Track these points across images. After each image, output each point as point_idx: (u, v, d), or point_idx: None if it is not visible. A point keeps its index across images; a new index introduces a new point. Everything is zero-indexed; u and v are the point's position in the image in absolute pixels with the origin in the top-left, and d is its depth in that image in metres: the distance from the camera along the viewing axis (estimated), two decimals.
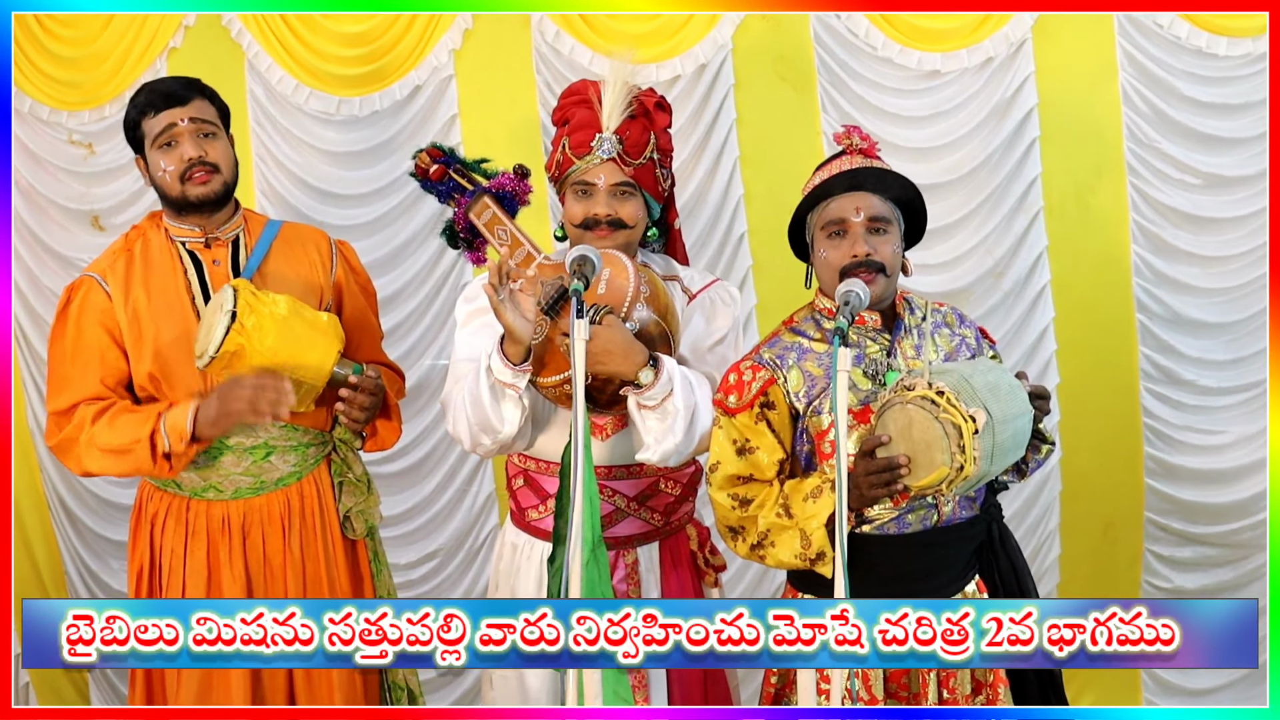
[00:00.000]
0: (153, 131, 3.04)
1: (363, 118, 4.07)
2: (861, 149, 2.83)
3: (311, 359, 2.98)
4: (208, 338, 2.91)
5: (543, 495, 2.99)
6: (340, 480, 3.20)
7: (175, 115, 3.03)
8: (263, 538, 3.11)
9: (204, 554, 3.10)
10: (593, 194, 2.88)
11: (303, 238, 3.25)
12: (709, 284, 3.03)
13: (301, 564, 3.14)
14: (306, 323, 2.99)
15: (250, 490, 3.11)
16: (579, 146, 2.88)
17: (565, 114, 2.93)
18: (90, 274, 3.11)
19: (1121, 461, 4.19)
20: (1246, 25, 3.94)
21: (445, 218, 3.18)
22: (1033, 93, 4.00)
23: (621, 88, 2.88)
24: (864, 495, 2.62)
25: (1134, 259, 4.08)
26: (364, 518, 3.22)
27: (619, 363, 2.74)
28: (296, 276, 3.15)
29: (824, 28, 4.01)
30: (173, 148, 3.04)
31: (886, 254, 2.73)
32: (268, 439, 3.09)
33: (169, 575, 3.11)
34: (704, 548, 3.08)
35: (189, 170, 3.03)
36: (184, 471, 3.05)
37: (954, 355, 2.83)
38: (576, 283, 2.71)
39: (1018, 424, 2.62)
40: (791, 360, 2.77)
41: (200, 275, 3.09)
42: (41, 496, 4.29)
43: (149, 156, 3.08)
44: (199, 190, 3.04)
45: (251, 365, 2.91)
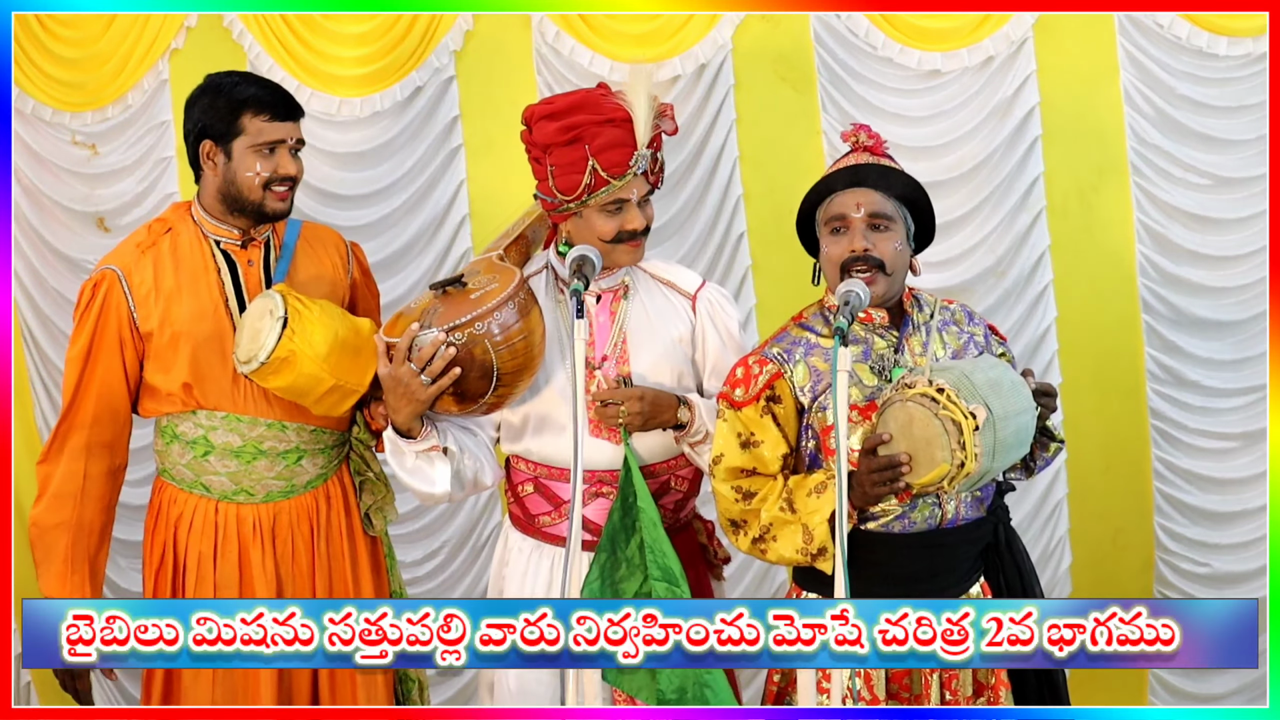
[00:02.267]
0: (261, 134, 3.00)
1: (364, 118, 4.07)
2: (868, 146, 2.84)
3: (358, 364, 2.97)
4: (255, 343, 2.89)
5: (555, 502, 2.98)
6: (361, 479, 3.22)
7: (289, 131, 3.04)
8: (292, 540, 3.12)
9: (235, 557, 3.09)
10: (626, 209, 2.88)
11: (322, 238, 3.25)
12: (703, 284, 3.06)
13: (329, 565, 3.15)
14: (351, 329, 2.99)
15: (281, 494, 3.11)
16: (614, 166, 2.82)
17: (578, 134, 2.85)
18: (110, 267, 3.05)
19: (1129, 464, 4.17)
20: (1246, 25, 3.93)
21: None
22: (1034, 92, 4.00)
23: (651, 101, 2.86)
24: (867, 494, 2.62)
25: (1139, 259, 4.07)
26: (383, 515, 3.24)
27: (659, 417, 2.87)
28: (322, 277, 3.16)
29: (824, 28, 4.01)
30: (272, 156, 3.01)
31: (887, 251, 2.73)
32: (299, 443, 3.09)
33: (196, 578, 3.09)
34: (712, 540, 3.10)
35: (277, 183, 3.02)
36: (214, 475, 3.06)
37: (961, 353, 2.83)
38: (577, 283, 2.74)
39: (1020, 420, 2.62)
40: (799, 355, 2.78)
41: (235, 276, 3.07)
42: None
43: (239, 154, 3.01)
44: (277, 206, 3.04)
45: (301, 371, 2.90)
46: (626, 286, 2.99)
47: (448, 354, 2.72)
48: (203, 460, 3.07)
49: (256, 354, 2.88)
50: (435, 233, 4.14)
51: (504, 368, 2.77)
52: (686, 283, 3.03)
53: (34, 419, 4.24)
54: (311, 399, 2.98)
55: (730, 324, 3.02)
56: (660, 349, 2.97)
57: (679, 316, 3.00)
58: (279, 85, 3.14)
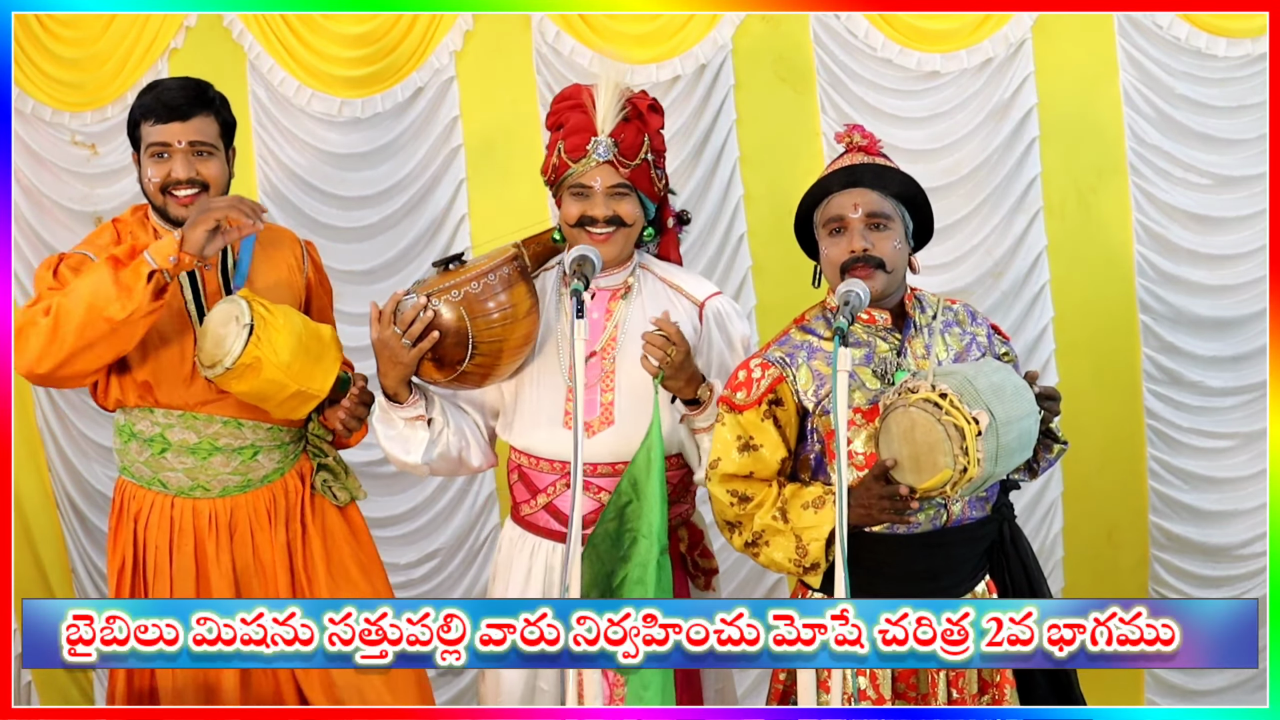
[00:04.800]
0: (147, 139, 3.03)
1: (364, 119, 4.07)
2: (862, 146, 2.83)
3: (319, 370, 3.03)
4: (220, 349, 2.93)
5: (534, 490, 3.02)
6: (319, 463, 3.25)
7: (173, 134, 3.01)
8: (251, 533, 3.14)
9: (191, 551, 3.12)
10: (590, 195, 2.90)
11: (277, 240, 3.27)
12: (715, 293, 3.04)
13: (288, 556, 3.18)
14: (314, 335, 3.05)
15: (238, 488, 3.14)
16: (574, 150, 2.90)
17: (559, 118, 2.96)
18: (85, 252, 3.06)
19: (1124, 463, 4.18)
20: (1246, 26, 3.94)
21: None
22: (1032, 93, 4.00)
23: (615, 90, 2.91)
24: (872, 516, 2.62)
25: (1137, 259, 4.07)
26: (345, 489, 3.26)
27: (685, 377, 2.85)
28: (279, 280, 3.19)
29: (823, 28, 4.01)
30: (163, 160, 3.03)
31: (886, 249, 2.73)
32: (255, 440, 3.13)
33: (154, 572, 3.12)
34: (694, 550, 3.07)
35: (173, 186, 3.03)
36: (171, 471, 3.09)
37: (964, 354, 2.83)
38: (576, 282, 2.74)
39: (1023, 425, 2.62)
40: (801, 359, 2.77)
41: (193, 281, 3.10)
42: (49, 494, 4.29)
43: (143, 161, 3.07)
44: (179, 211, 3.02)
45: (265, 377, 2.94)
46: (629, 287, 3.00)
47: (425, 318, 2.82)
48: (160, 457, 3.11)
49: (222, 359, 2.92)
50: (435, 233, 4.14)
51: (479, 336, 2.85)
52: (696, 290, 3.03)
53: (34, 419, 4.24)
54: (273, 403, 3.04)
55: (736, 336, 3.00)
56: None
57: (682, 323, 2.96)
58: (185, 85, 3.10)
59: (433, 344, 2.83)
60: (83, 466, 4.25)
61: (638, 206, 2.94)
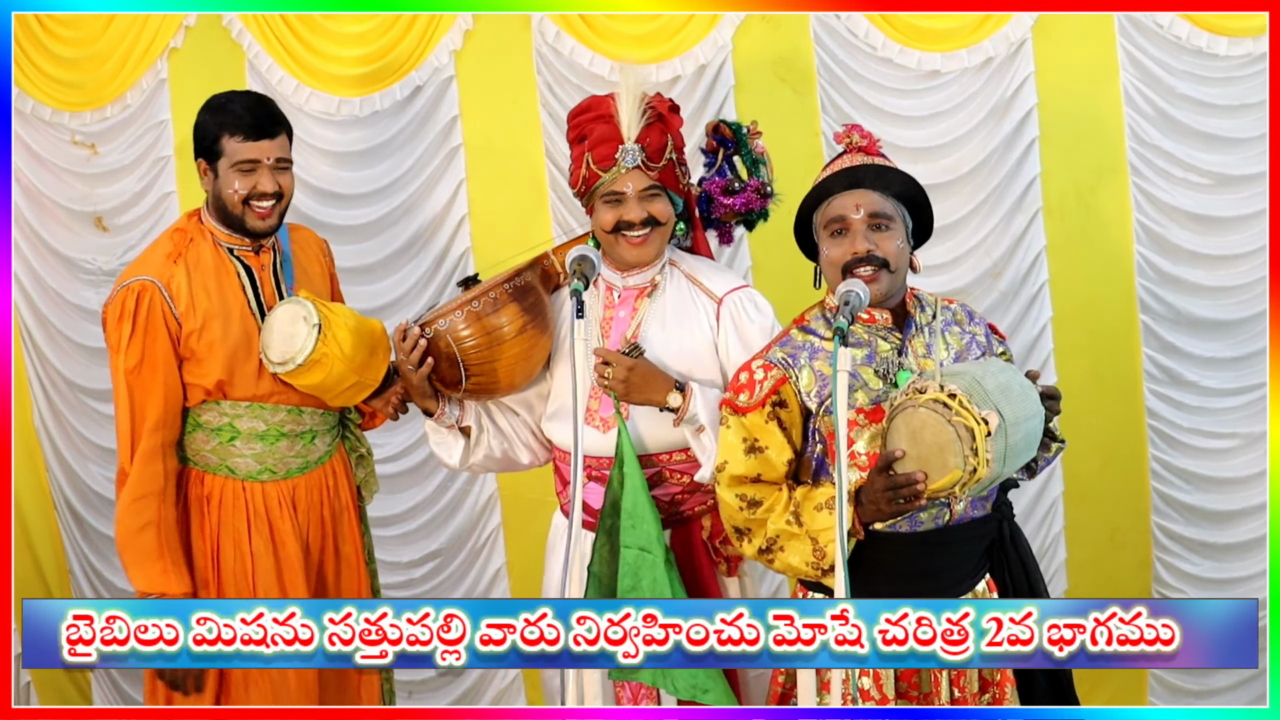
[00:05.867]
0: (235, 155, 3.14)
1: (363, 118, 4.07)
2: (861, 146, 2.83)
3: (374, 361, 3.21)
4: (291, 346, 3.11)
5: (565, 482, 3.10)
6: (357, 455, 3.45)
7: (262, 151, 3.15)
8: (310, 510, 3.32)
9: (268, 531, 3.27)
10: (624, 201, 2.96)
11: (306, 239, 3.45)
12: (735, 288, 3.05)
13: (335, 531, 3.37)
14: (368, 329, 3.21)
15: (299, 470, 3.31)
16: (603, 160, 2.96)
17: (581, 131, 3.01)
18: (148, 279, 3.16)
19: (1125, 464, 4.18)
20: (1246, 25, 3.93)
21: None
22: (1032, 93, 4.00)
23: (637, 97, 2.97)
24: (881, 510, 2.62)
25: (1137, 259, 4.07)
26: (370, 488, 3.49)
27: (646, 393, 2.91)
28: (317, 277, 3.38)
29: (824, 28, 4.01)
30: (250, 174, 3.15)
31: (889, 249, 2.73)
32: (312, 425, 3.31)
33: (235, 554, 3.25)
34: (714, 538, 3.09)
35: (256, 198, 3.15)
36: (240, 457, 3.25)
37: (964, 353, 2.83)
38: (576, 283, 2.77)
39: (1029, 425, 2.62)
40: (803, 359, 2.77)
41: (253, 281, 3.25)
42: (47, 496, 4.29)
43: (222, 173, 3.16)
44: (257, 223, 3.18)
45: (330, 370, 3.12)
46: (655, 285, 3.04)
47: (421, 345, 2.99)
48: (228, 445, 3.25)
49: (294, 357, 3.11)
50: (435, 232, 4.14)
51: (469, 359, 2.98)
52: (716, 286, 3.05)
53: (32, 419, 4.24)
54: (334, 394, 3.21)
55: (751, 331, 3.01)
56: (669, 351, 2.98)
57: (699, 321, 3.01)
58: (263, 103, 3.24)
59: (430, 368, 2.99)
60: (80, 468, 4.25)
61: (669, 205, 3.00)
